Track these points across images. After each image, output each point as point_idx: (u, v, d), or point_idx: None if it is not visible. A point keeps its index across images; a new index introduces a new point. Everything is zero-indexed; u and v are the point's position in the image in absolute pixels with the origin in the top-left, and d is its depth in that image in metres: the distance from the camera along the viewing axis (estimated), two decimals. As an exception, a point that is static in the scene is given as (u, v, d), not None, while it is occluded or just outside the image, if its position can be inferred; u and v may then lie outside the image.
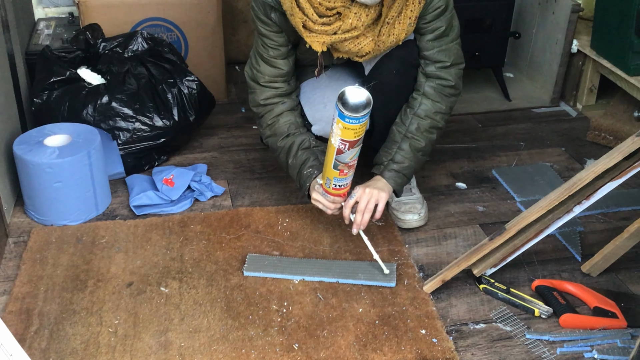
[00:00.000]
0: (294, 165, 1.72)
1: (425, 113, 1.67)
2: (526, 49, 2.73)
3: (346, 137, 1.46)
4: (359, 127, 1.45)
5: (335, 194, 1.61)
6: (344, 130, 1.45)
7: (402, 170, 1.69)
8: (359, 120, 1.44)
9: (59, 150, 1.79)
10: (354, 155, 1.52)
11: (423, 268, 1.70)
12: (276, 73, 1.70)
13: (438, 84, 1.66)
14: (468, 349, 1.46)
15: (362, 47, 1.59)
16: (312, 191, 1.67)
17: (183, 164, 2.12)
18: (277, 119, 1.72)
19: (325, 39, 1.55)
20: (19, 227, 1.82)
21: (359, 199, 1.63)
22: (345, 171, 1.55)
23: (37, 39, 2.44)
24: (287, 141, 1.72)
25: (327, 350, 1.44)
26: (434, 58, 1.65)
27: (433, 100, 1.67)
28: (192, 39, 2.41)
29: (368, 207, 1.63)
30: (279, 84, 1.71)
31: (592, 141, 2.32)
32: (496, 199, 2.00)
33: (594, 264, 1.67)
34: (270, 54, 1.68)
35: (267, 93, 1.72)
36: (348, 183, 1.61)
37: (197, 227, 1.82)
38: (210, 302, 1.56)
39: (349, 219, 1.66)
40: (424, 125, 1.67)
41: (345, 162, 1.52)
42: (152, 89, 2.09)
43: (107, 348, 1.43)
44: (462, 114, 2.49)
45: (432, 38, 1.64)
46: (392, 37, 1.60)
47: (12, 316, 1.51)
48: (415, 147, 1.68)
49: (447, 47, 1.65)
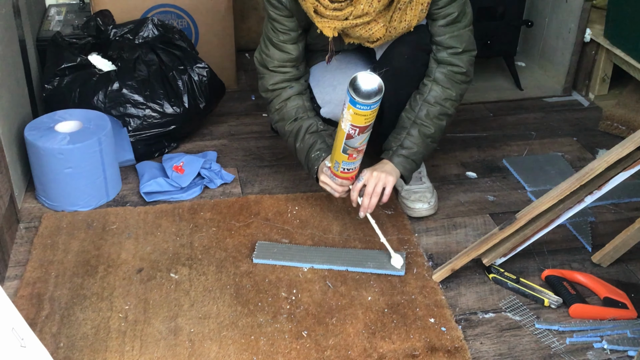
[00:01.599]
0: (302, 148, 1.72)
1: (435, 99, 1.66)
2: (538, 37, 2.70)
3: (357, 123, 1.46)
4: (369, 113, 1.45)
5: (344, 177, 1.62)
6: (354, 116, 1.45)
7: (411, 156, 1.68)
8: (370, 107, 1.44)
9: (69, 136, 1.79)
10: (363, 140, 1.52)
11: (432, 257, 1.70)
12: (285, 58, 1.70)
13: (449, 70, 1.65)
14: (477, 338, 1.46)
15: (374, 33, 1.58)
16: (320, 174, 1.67)
17: (193, 151, 2.12)
18: (285, 103, 1.72)
19: (337, 24, 1.55)
20: (30, 212, 1.83)
21: (366, 182, 1.63)
22: (354, 155, 1.55)
23: (48, 25, 2.44)
24: (295, 125, 1.72)
25: (335, 338, 1.44)
26: (445, 44, 1.64)
27: (443, 86, 1.66)
28: (202, 25, 2.41)
29: (375, 191, 1.63)
30: (288, 68, 1.71)
31: (604, 131, 2.30)
32: (507, 188, 1.99)
33: (605, 255, 1.66)
34: (280, 38, 1.68)
35: (276, 78, 1.72)
36: (356, 167, 1.61)
37: (207, 214, 1.82)
38: (219, 288, 1.57)
39: (356, 202, 1.66)
40: (434, 111, 1.67)
41: (355, 147, 1.52)
42: (163, 75, 2.08)
43: (117, 333, 1.44)
44: (473, 103, 2.48)
45: (444, 24, 1.62)
46: (404, 23, 1.59)
47: (23, 301, 1.52)
48: (425, 134, 1.68)
49: (459, 34, 1.64)
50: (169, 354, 1.39)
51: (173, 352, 1.40)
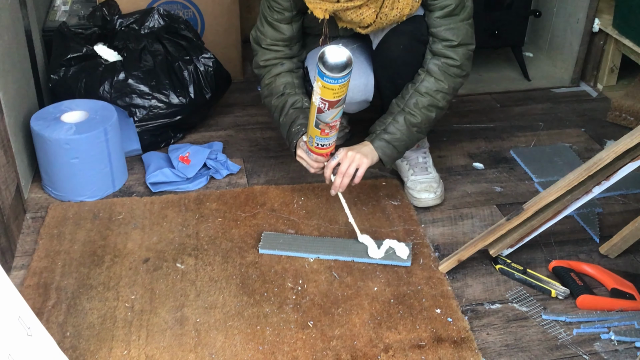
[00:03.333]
0: (285, 123, 1.73)
1: (426, 90, 1.65)
2: (546, 27, 2.68)
3: (325, 97, 1.47)
4: (338, 88, 1.45)
5: (318, 152, 1.63)
6: (323, 89, 1.46)
7: (393, 141, 1.68)
8: (337, 81, 1.44)
9: (76, 126, 1.79)
10: (334, 116, 1.52)
11: (439, 248, 1.69)
12: (278, 37, 1.72)
13: (443, 62, 1.64)
14: (483, 328, 1.46)
15: (364, 18, 1.59)
16: (298, 148, 1.69)
17: (199, 141, 2.11)
18: (275, 78, 1.74)
19: (328, 6, 1.56)
20: (37, 202, 1.84)
21: (341, 160, 1.64)
22: (327, 131, 1.56)
23: (53, 15, 2.44)
24: (281, 100, 1.73)
25: (341, 328, 1.44)
26: (441, 36, 1.63)
27: (436, 78, 1.65)
28: (208, 16, 2.40)
29: (348, 171, 1.64)
30: (280, 47, 1.74)
31: (613, 122, 2.29)
32: (514, 179, 1.98)
33: (612, 246, 1.65)
34: (275, 17, 1.70)
35: (268, 55, 1.75)
36: (330, 143, 1.62)
37: (213, 204, 1.82)
38: (225, 278, 1.57)
39: (329, 180, 1.67)
40: (423, 101, 1.66)
41: (326, 122, 1.53)
42: (169, 66, 2.08)
43: (123, 322, 1.44)
44: (480, 94, 2.47)
45: (441, 15, 1.62)
46: (395, 10, 1.59)
47: (29, 290, 1.52)
48: (410, 122, 1.67)
49: (455, 26, 1.62)
50: (175, 344, 1.40)
51: (179, 342, 1.40)
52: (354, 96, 1.77)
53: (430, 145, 2.03)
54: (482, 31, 2.46)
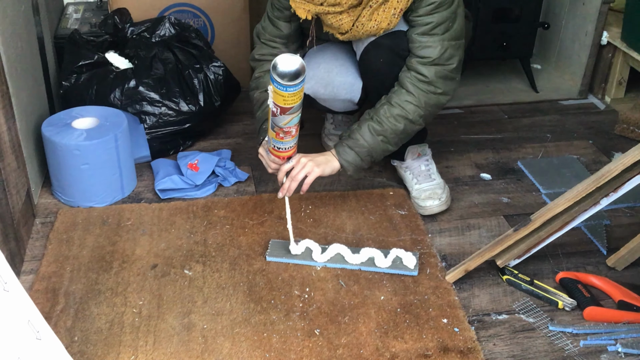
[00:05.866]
0: (259, 118, 1.77)
1: (396, 100, 1.67)
2: (555, 40, 2.69)
3: (276, 102, 1.49)
4: (288, 95, 1.46)
5: (275, 155, 1.66)
6: (274, 94, 1.47)
7: (355, 147, 1.69)
8: (287, 89, 1.45)
9: (86, 132, 1.81)
10: (287, 122, 1.53)
11: (446, 258, 1.70)
12: (275, 33, 1.76)
13: (413, 76, 1.65)
14: (490, 339, 1.46)
15: (343, 24, 1.63)
16: (261, 146, 1.72)
17: (208, 149, 2.13)
18: (265, 74, 1.78)
19: (311, 7, 1.60)
20: (46, 207, 1.85)
21: (294, 165, 1.67)
22: (281, 135, 1.57)
23: (65, 22, 2.46)
24: (263, 95, 1.76)
25: (348, 337, 1.44)
26: (415, 52, 1.64)
27: (407, 90, 1.66)
28: (218, 25, 2.42)
29: (296, 177, 1.66)
30: (277, 44, 1.78)
31: (620, 134, 2.29)
32: (521, 190, 1.98)
33: (620, 258, 1.65)
34: (275, 13, 1.74)
35: (264, 50, 1.79)
36: (287, 148, 1.63)
37: (221, 212, 1.83)
38: (233, 285, 1.57)
39: (281, 182, 1.70)
40: (392, 111, 1.67)
41: (280, 126, 1.55)
42: (179, 74, 2.10)
43: (131, 328, 1.45)
44: (487, 105, 2.47)
45: (419, 32, 1.63)
46: (373, 22, 1.62)
47: (38, 295, 1.53)
48: (375, 129, 1.68)
49: (433, 45, 1.62)
50: (182, 350, 1.40)
51: (186, 348, 1.41)
52: (339, 93, 1.79)
53: (438, 155, 2.04)
54: (490, 42, 2.48)
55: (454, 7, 1.62)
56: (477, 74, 2.63)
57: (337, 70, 1.77)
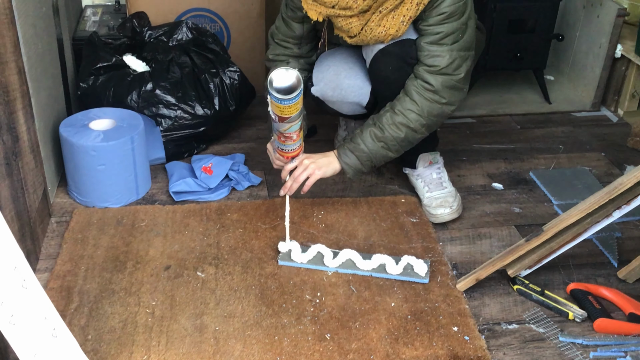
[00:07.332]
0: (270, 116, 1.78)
1: (400, 108, 1.68)
2: (569, 52, 2.70)
3: (274, 110, 1.53)
4: (283, 107, 1.50)
5: (280, 153, 1.70)
6: (271, 104, 1.52)
7: (355, 151, 1.71)
8: (281, 102, 1.48)
9: (103, 134, 1.83)
10: (286, 130, 1.58)
11: (457, 266, 1.70)
12: (288, 34, 1.79)
13: (420, 85, 1.66)
14: (500, 348, 1.46)
15: (352, 28, 1.64)
16: (270, 143, 1.76)
17: (222, 153, 2.14)
18: None
19: (322, 9, 1.61)
20: (62, 207, 1.87)
21: (297, 166, 1.70)
22: (282, 139, 1.62)
23: (84, 25, 2.49)
24: None
25: (358, 342, 1.45)
26: (423, 60, 1.65)
27: (410, 98, 1.67)
28: (234, 30, 2.44)
29: (298, 178, 1.70)
30: (290, 44, 1.81)
31: (633, 147, 2.29)
32: (533, 201, 1.99)
33: (631, 270, 1.66)
34: (289, 14, 1.76)
35: (278, 50, 1.82)
36: (290, 150, 1.67)
37: (234, 215, 1.84)
38: (245, 288, 1.59)
39: (284, 180, 1.73)
40: (395, 118, 1.68)
41: (280, 131, 1.59)
42: (195, 78, 2.12)
43: (144, 328, 1.47)
44: (500, 115, 2.48)
45: (428, 41, 1.64)
46: (381, 28, 1.63)
47: (53, 293, 1.55)
48: (376, 135, 1.69)
49: (442, 54, 1.63)
50: (194, 351, 1.41)
51: (198, 349, 1.42)
52: (347, 95, 1.80)
53: (450, 163, 2.05)
54: (504, 53, 2.49)
55: (465, 19, 1.63)
56: (490, 84, 2.64)
57: (346, 73, 1.79)
